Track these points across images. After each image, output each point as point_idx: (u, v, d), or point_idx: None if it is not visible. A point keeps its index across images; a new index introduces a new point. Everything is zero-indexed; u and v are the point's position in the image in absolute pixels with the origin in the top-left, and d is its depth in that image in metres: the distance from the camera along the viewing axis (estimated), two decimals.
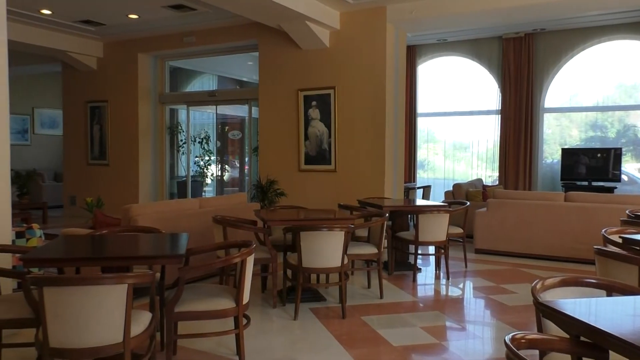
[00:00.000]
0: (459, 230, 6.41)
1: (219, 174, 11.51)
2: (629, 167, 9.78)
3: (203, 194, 11.18)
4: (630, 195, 7.39)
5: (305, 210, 5.76)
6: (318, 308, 4.72)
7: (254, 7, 7.07)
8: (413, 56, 11.07)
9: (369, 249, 5.08)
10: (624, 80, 9.69)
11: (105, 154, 10.69)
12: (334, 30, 8.03)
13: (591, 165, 9.51)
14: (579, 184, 9.52)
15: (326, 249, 4.38)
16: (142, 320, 2.82)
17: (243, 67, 11.49)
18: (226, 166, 11.74)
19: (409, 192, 9.82)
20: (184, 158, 10.89)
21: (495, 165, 10.60)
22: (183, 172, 10.96)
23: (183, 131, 10.82)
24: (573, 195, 6.93)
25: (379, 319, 4.48)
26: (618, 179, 9.33)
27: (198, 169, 11.10)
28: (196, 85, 11.89)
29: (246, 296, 3.35)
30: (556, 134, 10.40)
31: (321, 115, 8.28)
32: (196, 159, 11.11)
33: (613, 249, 3.40)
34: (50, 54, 10.13)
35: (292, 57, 8.47)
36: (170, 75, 10.89)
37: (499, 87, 10.43)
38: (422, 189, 10.61)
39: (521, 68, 10.08)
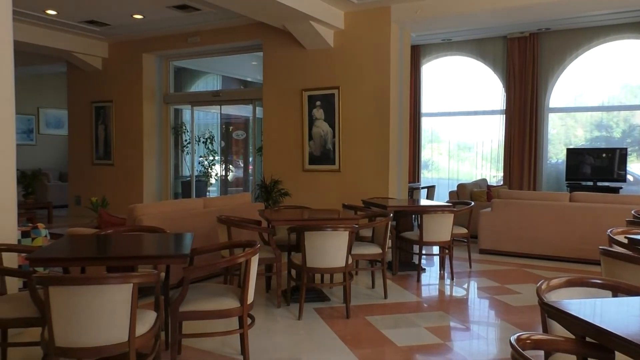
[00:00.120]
0: (463, 230, 6.40)
1: (223, 174, 11.52)
2: (635, 167, 9.74)
3: (207, 193, 11.19)
4: (636, 196, 7.35)
5: (310, 210, 5.76)
6: (322, 308, 4.72)
7: (259, 7, 7.08)
8: (417, 56, 11.05)
9: (373, 249, 5.08)
10: (629, 80, 9.65)
11: (110, 154, 10.72)
12: (338, 30, 8.03)
13: (596, 166, 9.48)
14: (584, 184, 9.48)
15: (330, 249, 4.38)
16: (147, 319, 2.83)
17: (247, 67, 11.50)
18: (230, 166, 11.76)
19: (413, 192, 9.80)
20: (188, 158, 10.91)
21: (500, 165, 10.57)
22: (187, 172, 10.99)
23: (187, 131, 10.85)
24: (578, 196, 6.90)
25: (383, 319, 4.48)
26: (623, 179, 9.29)
27: (202, 168, 11.12)
28: (200, 85, 11.91)
29: (251, 296, 3.36)
30: (561, 134, 10.37)
31: (325, 115, 8.28)
32: (200, 158, 11.12)
33: (619, 249, 3.38)
34: (55, 54, 10.17)
35: (297, 57, 8.47)
36: (175, 75, 10.92)
37: (503, 87, 10.40)
38: (427, 189, 10.60)
39: (526, 68, 10.05)
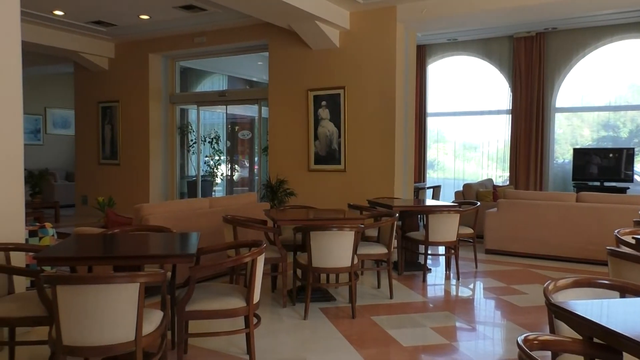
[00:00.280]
0: (469, 230, 6.39)
1: (229, 173, 11.55)
2: None
3: (213, 193, 11.22)
4: None
5: (315, 210, 5.77)
6: (328, 308, 4.73)
7: (264, 7, 7.08)
8: (423, 56, 11.03)
9: (379, 249, 5.08)
10: (636, 79, 9.59)
11: (117, 154, 10.77)
12: (344, 30, 8.03)
13: (603, 166, 9.43)
14: (590, 184, 9.44)
15: (336, 249, 4.38)
16: (154, 319, 2.84)
17: (253, 67, 11.52)
18: (236, 166, 11.78)
19: (418, 192, 9.79)
20: (194, 158, 10.94)
21: (506, 165, 10.54)
22: (193, 172, 11.02)
23: (193, 131, 10.87)
24: (585, 196, 6.87)
25: (388, 319, 4.47)
26: (630, 179, 9.24)
27: (208, 168, 11.15)
28: (206, 85, 11.94)
29: (256, 295, 3.37)
30: (567, 134, 10.32)
31: (331, 115, 8.28)
32: (206, 158, 11.16)
33: (626, 250, 3.37)
34: (62, 54, 10.22)
35: (302, 57, 8.48)
36: (181, 75, 10.95)
37: (509, 87, 10.37)
38: (432, 189, 10.58)
39: (532, 67, 10.01)
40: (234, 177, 11.65)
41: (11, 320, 3.05)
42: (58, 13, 8.51)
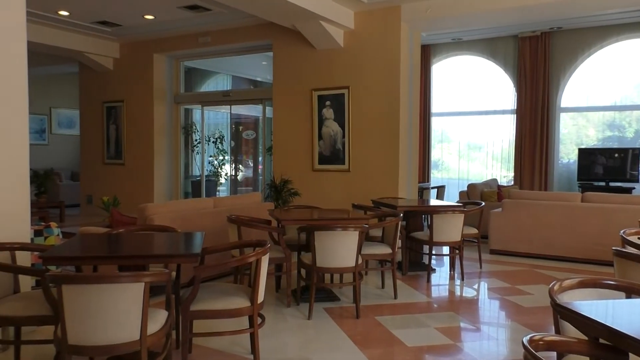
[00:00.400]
0: (473, 230, 6.37)
1: (233, 173, 11.56)
2: None
3: (217, 193, 11.24)
4: None
5: (319, 210, 5.77)
6: (332, 308, 4.72)
7: (269, 7, 7.09)
8: (427, 55, 11.01)
9: (383, 249, 5.07)
10: None
11: (121, 154, 10.80)
12: (348, 30, 8.02)
13: (608, 166, 9.39)
14: (596, 184, 9.40)
15: (340, 249, 4.38)
16: (159, 318, 2.85)
17: (257, 67, 11.52)
18: (240, 166, 11.79)
19: (423, 192, 9.78)
20: (198, 158, 10.96)
21: (511, 165, 10.51)
22: (197, 172, 11.04)
23: (197, 131, 10.89)
24: (590, 196, 6.84)
25: (393, 319, 4.47)
26: (636, 180, 9.19)
27: (212, 168, 11.17)
28: (211, 85, 11.96)
29: (261, 295, 3.37)
30: (572, 134, 10.28)
31: (335, 115, 8.27)
32: (210, 158, 11.17)
33: (632, 250, 3.35)
34: (67, 54, 10.26)
35: (307, 57, 8.48)
36: (185, 75, 10.97)
37: (514, 87, 10.34)
38: (436, 189, 10.56)
39: (537, 67, 9.98)
40: (238, 177, 11.67)
41: (17, 319, 3.06)
42: (63, 13, 8.55)
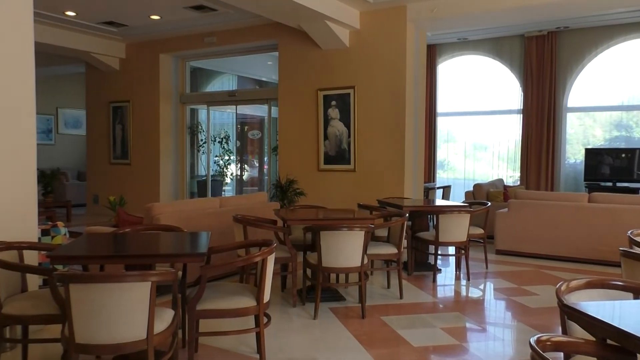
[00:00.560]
0: (479, 230, 6.36)
1: (239, 173, 11.58)
2: None
3: (222, 193, 11.26)
4: None
5: (325, 210, 5.77)
6: (337, 308, 4.72)
7: (274, 7, 7.10)
8: (433, 55, 10.99)
9: (389, 249, 5.06)
10: None
11: (127, 154, 10.84)
12: (354, 29, 8.02)
13: (615, 166, 9.34)
14: (603, 184, 9.35)
15: (346, 249, 4.38)
16: (165, 317, 2.86)
17: (263, 67, 11.54)
18: (245, 166, 11.81)
19: (428, 192, 9.75)
20: (204, 157, 10.98)
21: (517, 165, 10.47)
22: (203, 172, 11.06)
23: (203, 131, 10.92)
24: (597, 196, 6.81)
25: (398, 319, 4.46)
26: None
27: (218, 168, 11.19)
28: (216, 85, 11.98)
29: (267, 295, 3.37)
30: (579, 134, 10.23)
31: (341, 115, 8.27)
32: (216, 158, 11.19)
33: (639, 251, 3.33)
34: (74, 54, 10.30)
35: (312, 57, 8.48)
36: (191, 75, 11.00)
37: (520, 86, 10.30)
38: (442, 189, 10.54)
39: (544, 67, 9.93)
40: (244, 177, 11.68)
41: (24, 318, 3.08)
42: (70, 14, 8.59)
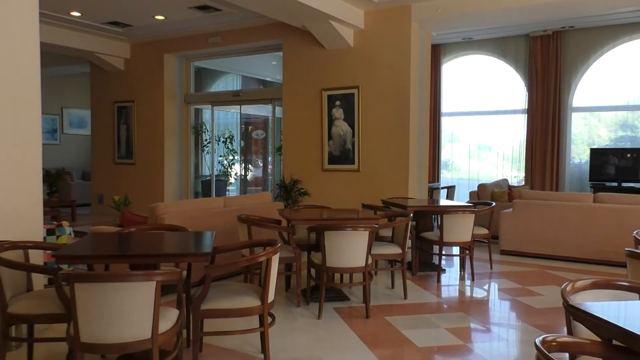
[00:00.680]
0: (484, 231, 6.34)
1: (243, 173, 11.59)
2: None
3: (227, 193, 11.27)
4: None
5: (329, 210, 5.76)
6: (342, 308, 4.72)
7: (279, 7, 7.10)
8: (438, 55, 10.97)
9: (393, 249, 5.06)
10: None
11: (132, 153, 10.87)
12: (358, 29, 8.01)
13: (621, 166, 9.30)
14: (608, 184, 9.32)
15: (350, 249, 4.38)
16: (170, 317, 2.86)
17: (267, 67, 11.55)
18: (250, 165, 11.82)
19: (432, 193, 9.74)
20: (208, 157, 11.00)
21: (522, 165, 10.45)
22: (207, 172, 11.08)
23: (207, 131, 10.94)
24: (602, 196, 6.78)
25: (402, 320, 4.46)
26: None
27: (222, 168, 11.20)
28: (220, 85, 12.00)
29: (271, 295, 3.37)
30: (584, 134, 10.19)
31: (345, 115, 8.26)
32: (220, 158, 11.21)
33: None
34: (78, 54, 10.34)
35: (316, 57, 8.48)
36: (195, 75, 11.02)
37: (525, 86, 10.27)
38: (446, 189, 10.52)
39: (549, 66, 9.90)
40: (248, 177, 11.70)
41: (30, 317, 3.09)
42: (75, 14, 8.62)
